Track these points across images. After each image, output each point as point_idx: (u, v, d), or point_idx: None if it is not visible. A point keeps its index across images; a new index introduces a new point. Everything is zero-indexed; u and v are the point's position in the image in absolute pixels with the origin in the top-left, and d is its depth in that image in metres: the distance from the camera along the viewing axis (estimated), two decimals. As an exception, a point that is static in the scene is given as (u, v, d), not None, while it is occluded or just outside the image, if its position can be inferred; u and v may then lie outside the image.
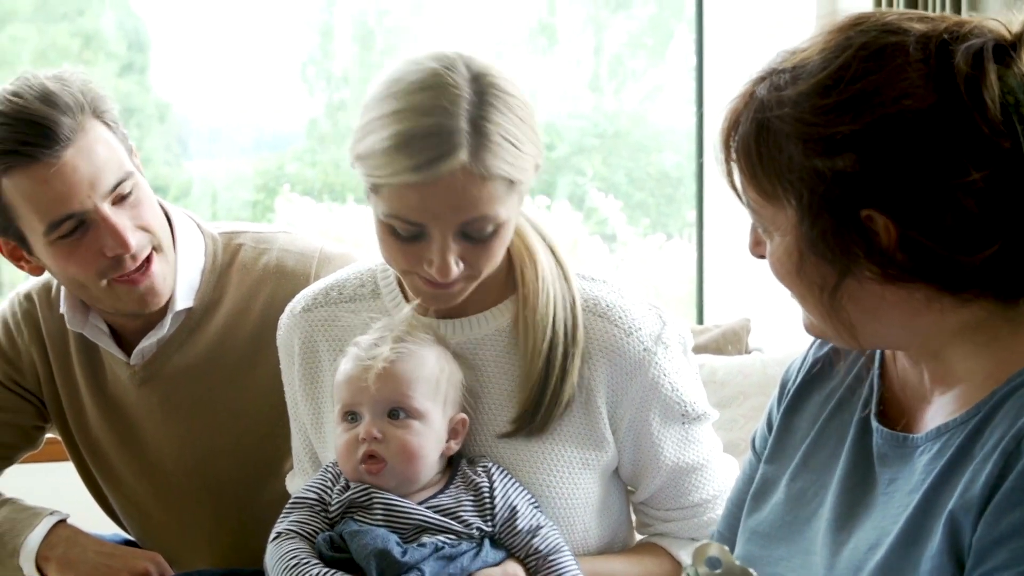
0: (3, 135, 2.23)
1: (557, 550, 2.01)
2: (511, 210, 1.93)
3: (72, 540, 2.42)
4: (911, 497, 1.55)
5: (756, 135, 1.56)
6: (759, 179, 1.57)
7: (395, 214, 1.90)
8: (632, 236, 5.09)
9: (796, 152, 1.52)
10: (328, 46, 4.91)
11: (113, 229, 2.27)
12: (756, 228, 1.65)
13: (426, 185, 1.86)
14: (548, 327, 2.04)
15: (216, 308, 2.49)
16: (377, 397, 1.97)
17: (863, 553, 1.57)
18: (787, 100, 1.53)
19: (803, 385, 1.81)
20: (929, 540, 1.50)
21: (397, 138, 1.86)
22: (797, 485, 1.73)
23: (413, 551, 1.93)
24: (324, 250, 2.51)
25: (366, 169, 1.92)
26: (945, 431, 1.56)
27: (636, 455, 2.11)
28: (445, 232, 1.90)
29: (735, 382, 3.59)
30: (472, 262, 1.95)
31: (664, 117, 5.21)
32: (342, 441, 2.00)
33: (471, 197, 1.87)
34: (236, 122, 4.88)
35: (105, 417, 2.54)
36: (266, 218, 4.78)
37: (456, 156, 1.84)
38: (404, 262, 1.96)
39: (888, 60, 1.50)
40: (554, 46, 5.12)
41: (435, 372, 2.01)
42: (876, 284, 1.54)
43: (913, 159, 1.47)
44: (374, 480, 1.98)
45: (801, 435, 1.77)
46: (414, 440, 1.97)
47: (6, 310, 2.58)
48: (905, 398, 1.67)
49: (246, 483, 2.53)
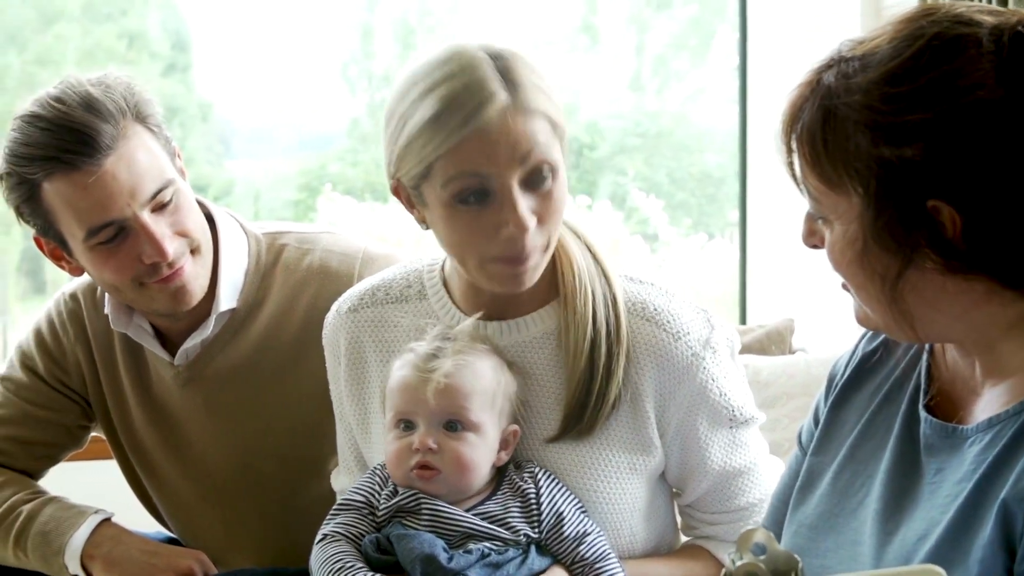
0: (45, 141, 2.24)
1: (603, 557, 2.00)
2: (560, 158, 1.96)
3: (117, 539, 2.43)
4: (961, 487, 1.54)
5: (822, 122, 1.56)
6: (823, 166, 1.57)
7: (457, 176, 1.91)
8: (674, 236, 5.08)
9: (863, 140, 1.52)
10: (369, 46, 4.91)
11: (152, 237, 2.28)
12: (811, 218, 1.65)
13: (479, 134, 1.89)
14: (589, 325, 2.04)
15: (260, 308, 2.49)
16: (435, 409, 1.97)
17: (912, 543, 1.57)
18: (856, 87, 1.53)
19: (851, 379, 1.81)
20: (981, 529, 1.50)
21: (437, 105, 1.89)
22: (844, 477, 1.73)
23: (459, 557, 1.93)
24: (368, 250, 2.51)
25: (415, 155, 1.93)
26: (997, 422, 1.55)
27: (683, 459, 2.10)
28: (510, 181, 1.91)
29: (779, 382, 3.58)
30: (542, 217, 1.95)
31: (706, 117, 5.19)
32: (394, 448, 2.00)
33: (522, 134, 1.90)
34: (278, 122, 4.89)
35: (149, 417, 2.55)
36: (308, 218, 4.79)
37: (497, 99, 1.89)
38: (479, 237, 1.95)
39: (961, 51, 1.49)
40: (596, 45, 5.10)
41: (492, 385, 2.01)
42: (938, 275, 1.53)
43: (982, 150, 1.47)
44: (425, 487, 1.98)
45: (848, 428, 1.77)
46: (468, 452, 1.97)
47: (52, 310, 2.59)
48: (954, 391, 1.66)
49: (290, 482, 2.53)
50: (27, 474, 2.56)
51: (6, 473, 2.53)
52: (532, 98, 1.92)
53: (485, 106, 1.88)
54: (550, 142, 1.94)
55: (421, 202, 1.99)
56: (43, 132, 2.24)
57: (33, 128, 2.25)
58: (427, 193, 1.96)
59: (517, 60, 1.94)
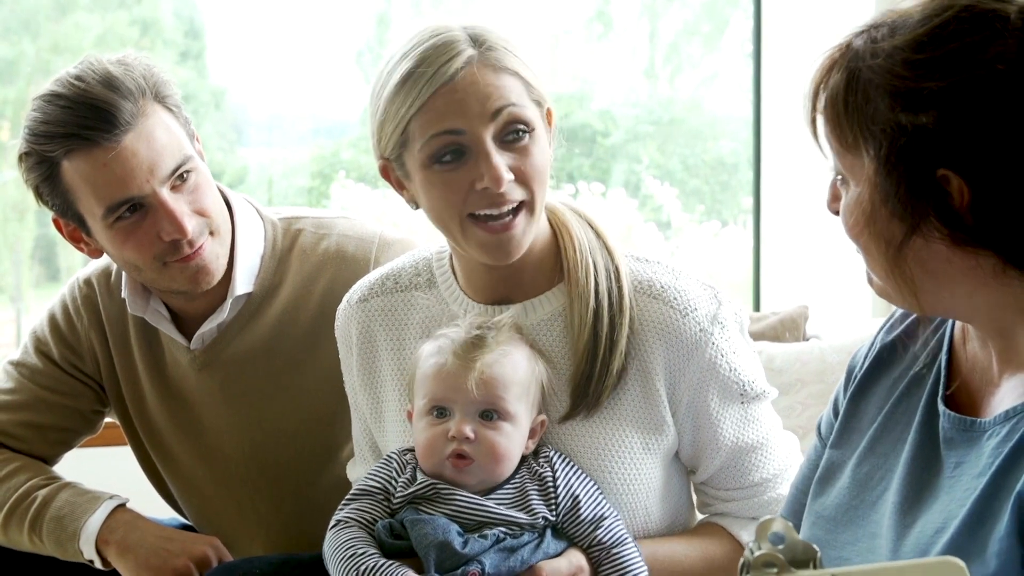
0: (65, 118, 2.24)
1: (621, 542, 2.01)
2: (537, 120, 1.99)
3: (131, 524, 2.43)
4: (979, 481, 1.54)
5: (846, 83, 1.57)
6: (842, 127, 1.58)
7: (433, 133, 1.95)
8: (687, 223, 5.07)
9: (882, 104, 1.53)
10: (384, 34, 4.91)
11: (171, 214, 2.28)
12: (836, 183, 1.65)
13: (448, 89, 1.94)
14: (591, 297, 2.05)
15: (276, 293, 2.49)
16: (475, 399, 1.97)
17: (930, 536, 1.56)
18: (881, 52, 1.54)
19: (870, 371, 1.80)
20: (997, 522, 1.50)
21: (407, 66, 1.96)
22: (863, 469, 1.73)
23: (474, 542, 1.93)
24: (383, 235, 2.51)
25: (391, 121, 1.98)
26: (1013, 415, 1.55)
27: (695, 436, 2.10)
28: (483, 135, 1.95)
29: (793, 369, 3.56)
30: (519, 174, 1.98)
31: (719, 104, 5.18)
32: (427, 435, 2.00)
33: (491, 87, 1.95)
34: (291, 109, 4.89)
35: (164, 402, 2.55)
36: (321, 205, 4.79)
37: (463, 53, 1.95)
38: (456, 195, 1.97)
39: (987, 24, 1.50)
40: (609, 33, 5.10)
41: (528, 376, 2.01)
42: (943, 246, 1.53)
43: (994, 124, 1.47)
44: (456, 476, 1.98)
45: (868, 420, 1.76)
46: (504, 442, 1.98)
47: (66, 295, 2.60)
48: (974, 382, 1.65)
49: (304, 468, 2.53)
50: (42, 459, 2.57)
51: (21, 458, 2.53)
52: (501, 56, 1.97)
53: (452, 60, 1.94)
54: (524, 102, 1.98)
55: (405, 175, 2.02)
56: (63, 110, 2.25)
57: (53, 106, 2.26)
58: (408, 162, 1.99)
59: (490, 30, 2.00)
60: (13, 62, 4.44)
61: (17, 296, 4.60)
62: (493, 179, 1.94)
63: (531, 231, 2.02)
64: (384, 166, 2.06)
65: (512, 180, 1.96)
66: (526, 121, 1.98)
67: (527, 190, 1.99)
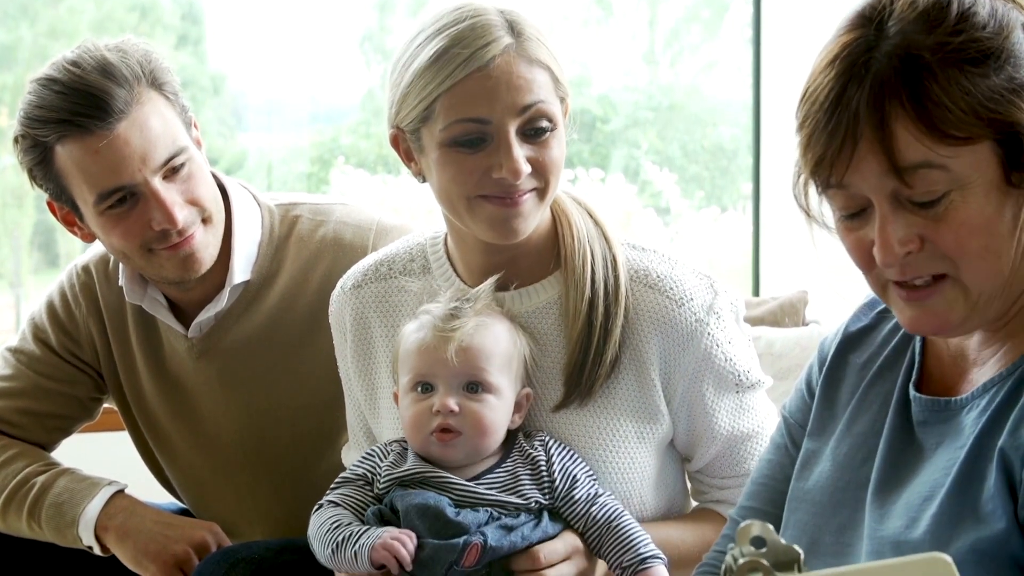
0: (58, 104, 2.24)
1: (618, 515, 2.00)
2: (559, 117, 1.99)
3: (130, 510, 2.43)
4: (961, 450, 1.54)
5: (919, 80, 1.45)
6: (946, 126, 1.44)
7: (457, 118, 1.94)
8: (686, 209, 5.07)
9: (963, 78, 1.44)
10: (385, 20, 4.90)
11: (162, 204, 2.28)
12: (915, 222, 1.50)
13: (482, 74, 1.93)
14: (587, 285, 2.05)
15: (274, 281, 2.49)
16: (456, 370, 1.97)
17: (917, 505, 1.56)
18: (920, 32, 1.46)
19: (837, 356, 1.78)
20: (984, 481, 1.50)
21: (443, 43, 1.94)
22: (842, 451, 1.71)
23: (467, 513, 1.92)
24: (381, 222, 2.51)
25: (416, 94, 1.96)
26: (991, 386, 1.55)
27: (691, 425, 2.11)
28: (507, 125, 1.94)
29: (792, 354, 3.57)
30: (537, 165, 1.97)
31: (719, 90, 5.18)
32: (413, 411, 1.99)
33: (523, 79, 1.95)
34: (291, 94, 4.89)
35: (162, 389, 2.55)
36: (320, 190, 4.79)
37: (501, 40, 1.94)
38: (471, 176, 1.97)
39: None
40: (609, 18, 5.09)
41: (510, 347, 2.01)
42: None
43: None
44: (443, 451, 1.97)
45: (842, 405, 1.75)
46: (489, 414, 1.97)
47: (64, 282, 2.59)
48: (950, 365, 1.65)
49: (302, 455, 2.53)
50: (39, 446, 2.56)
51: (19, 445, 2.53)
52: (536, 48, 1.96)
53: (490, 46, 1.93)
54: (551, 98, 1.98)
55: (419, 148, 2.01)
56: (57, 95, 2.25)
57: (48, 91, 2.26)
58: (425, 137, 1.98)
59: (526, 18, 1.99)
60: (11, 47, 4.44)
61: (16, 282, 4.60)
62: (512, 171, 1.94)
63: (538, 214, 2.02)
64: (396, 135, 2.05)
65: (529, 172, 1.97)
66: (551, 117, 1.98)
67: (542, 179, 1.99)
